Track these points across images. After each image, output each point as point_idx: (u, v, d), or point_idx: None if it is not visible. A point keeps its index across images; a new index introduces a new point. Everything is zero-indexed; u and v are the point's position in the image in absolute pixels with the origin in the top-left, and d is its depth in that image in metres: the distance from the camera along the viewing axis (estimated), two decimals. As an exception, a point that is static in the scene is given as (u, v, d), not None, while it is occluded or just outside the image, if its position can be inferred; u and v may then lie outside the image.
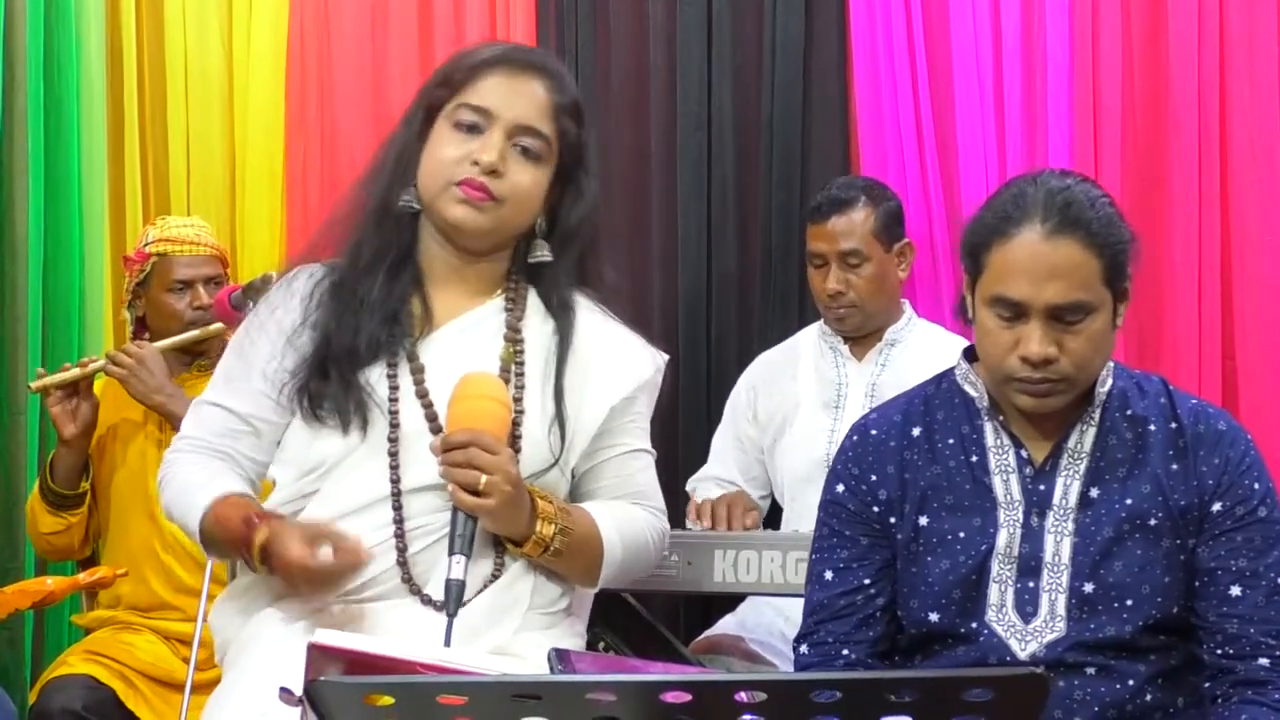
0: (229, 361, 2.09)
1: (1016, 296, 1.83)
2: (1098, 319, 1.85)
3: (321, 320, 2.02)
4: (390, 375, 2.00)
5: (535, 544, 1.95)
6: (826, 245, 3.00)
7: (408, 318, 2.04)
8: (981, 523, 1.92)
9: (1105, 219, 1.85)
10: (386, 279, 2.03)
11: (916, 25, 3.31)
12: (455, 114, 2.01)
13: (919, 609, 1.94)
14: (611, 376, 2.08)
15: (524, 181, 2.01)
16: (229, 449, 2.04)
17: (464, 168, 1.98)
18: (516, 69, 2.03)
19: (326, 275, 2.07)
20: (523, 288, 2.09)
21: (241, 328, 2.14)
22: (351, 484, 1.97)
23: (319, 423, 1.99)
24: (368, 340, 2.00)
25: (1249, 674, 1.84)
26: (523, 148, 2.00)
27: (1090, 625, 1.87)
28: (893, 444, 1.99)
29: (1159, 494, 1.89)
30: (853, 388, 3.03)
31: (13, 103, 3.42)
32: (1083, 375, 1.87)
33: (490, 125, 2.00)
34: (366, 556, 1.87)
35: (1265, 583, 1.86)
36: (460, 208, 1.99)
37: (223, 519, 1.95)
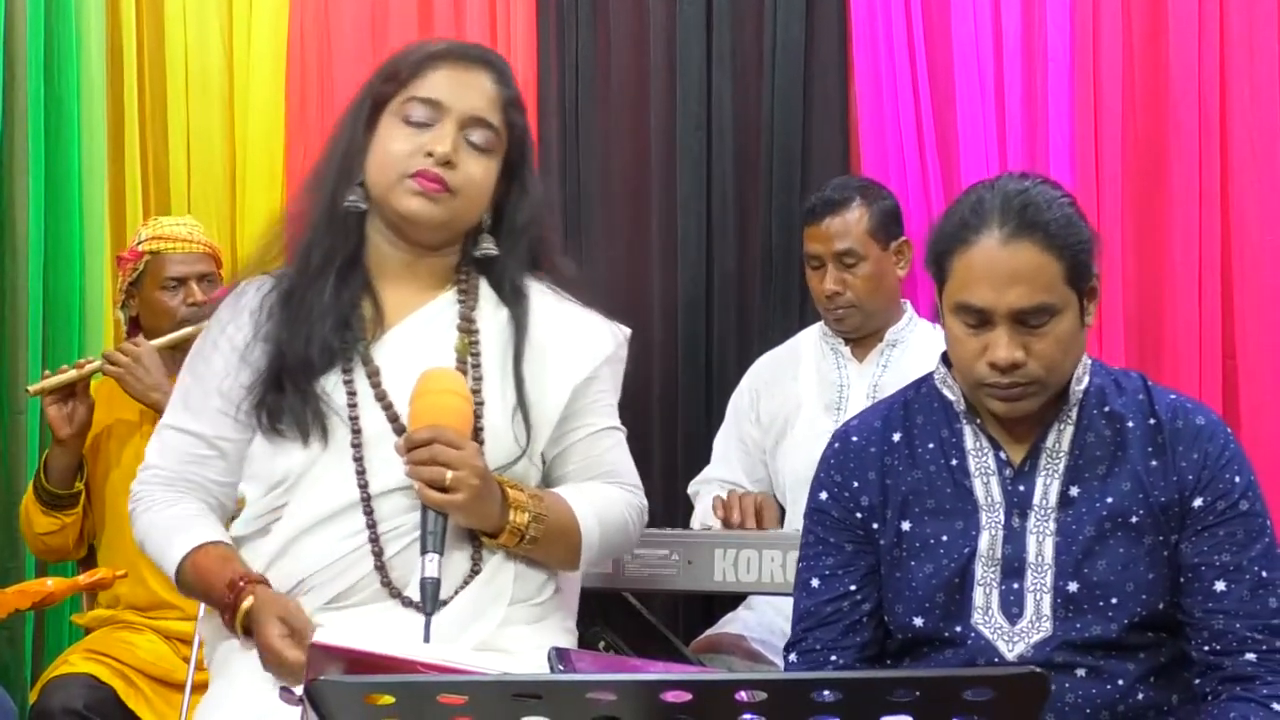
0: (186, 383, 2.08)
1: (979, 303, 1.83)
2: (1063, 320, 1.84)
3: (272, 332, 2.01)
4: (347, 381, 1.98)
5: (510, 534, 1.95)
6: (822, 246, 3.01)
7: (359, 321, 2.02)
8: (964, 526, 1.92)
9: (1063, 219, 1.85)
10: (336, 283, 2.02)
11: (917, 25, 3.31)
12: (404, 108, 2.00)
13: (904, 614, 1.93)
14: (571, 357, 2.06)
15: (476, 173, 2.00)
16: (197, 476, 2.04)
17: (417, 160, 1.97)
18: (464, 62, 2.02)
19: (274, 286, 2.06)
20: (474, 278, 2.08)
21: (194, 348, 2.12)
22: (318, 494, 1.97)
23: (280, 436, 1.98)
24: (320, 348, 1.98)
25: (1236, 670, 1.83)
26: (473, 141, 2.00)
27: (1076, 624, 1.87)
28: (873, 450, 1.99)
29: (1139, 491, 1.89)
30: (854, 389, 3.03)
31: (13, 103, 3.42)
32: (1053, 377, 1.87)
33: (442, 117, 1.99)
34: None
35: (1249, 576, 1.85)
36: (415, 199, 1.98)
37: (205, 572, 1.96)
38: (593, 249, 3.55)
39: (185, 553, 1.97)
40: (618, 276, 3.54)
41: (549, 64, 3.56)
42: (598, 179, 3.55)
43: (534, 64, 3.55)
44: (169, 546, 1.99)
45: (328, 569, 1.95)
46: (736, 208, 3.46)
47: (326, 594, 1.95)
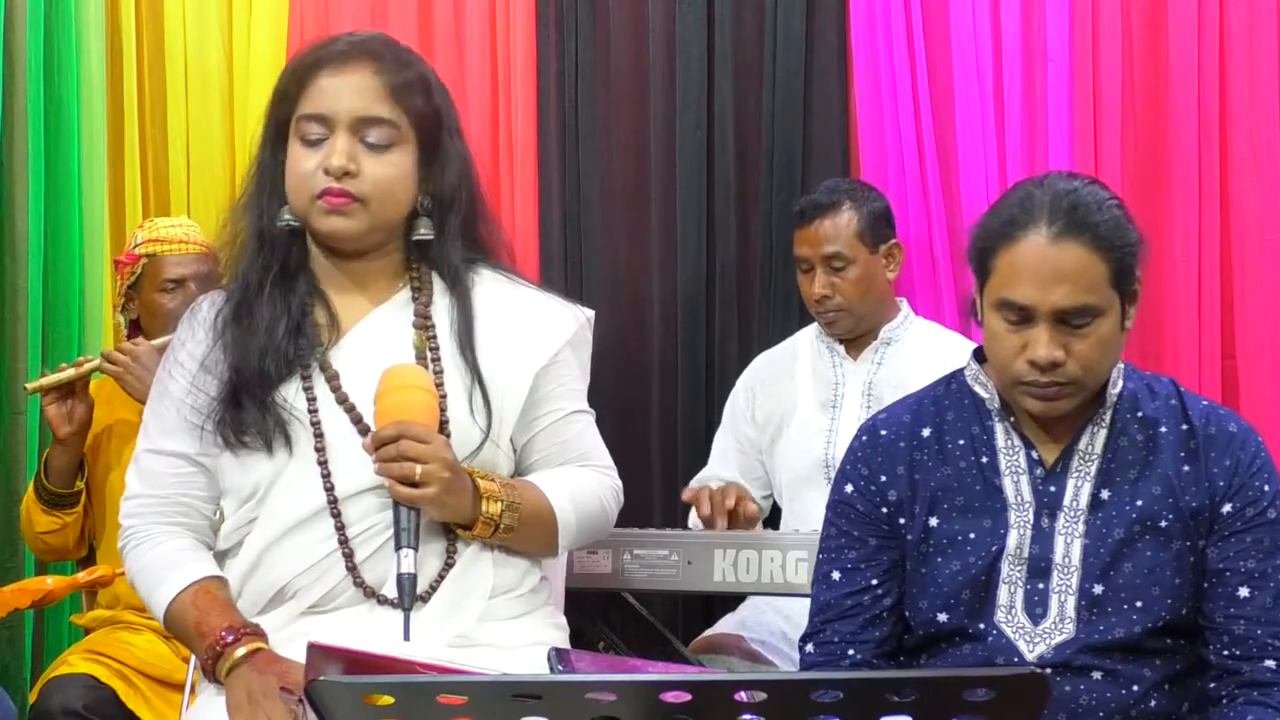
0: (156, 407, 2.07)
1: (1023, 300, 1.82)
2: (1105, 322, 1.84)
3: (226, 348, 2.01)
4: (306, 388, 1.98)
5: (484, 525, 1.93)
6: (810, 249, 3.02)
7: (312, 328, 2.01)
8: (992, 524, 1.92)
9: (1112, 221, 1.84)
10: (279, 295, 2.01)
11: (916, 25, 3.31)
12: (299, 128, 1.98)
13: (928, 609, 1.93)
14: (530, 342, 2.04)
15: (381, 173, 1.97)
16: (184, 497, 2.03)
17: (319, 179, 1.95)
18: (339, 63, 1.98)
19: (226, 301, 2.05)
20: (425, 273, 2.06)
21: (159, 370, 2.11)
22: (287, 501, 1.96)
23: (245, 449, 1.97)
24: (275, 358, 1.97)
25: (1255, 675, 1.84)
26: (369, 140, 1.96)
27: (1099, 627, 1.87)
28: (902, 445, 1.99)
29: (1170, 495, 1.89)
30: (849, 387, 3.03)
31: (13, 103, 3.42)
32: (1091, 378, 1.87)
33: (332, 129, 1.96)
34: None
35: (1273, 584, 1.86)
36: (328, 219, 1.97)
37: (202, 608, 1.94)
38: (592, 248, 3.55)
39: (174, 594, 1.96)
40: (617, 275, 3.54)
41: (549, 64, 3.56)
42: (598, 179, 3.55)
43: (534, 64, 3.55)
44: (158, 587, 1.98)
45: (304, 575, 1.95)
46: (736, 207, 3.46)
47: (307, 600, 1.95)
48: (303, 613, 1.95)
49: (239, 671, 1.86)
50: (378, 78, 1.97)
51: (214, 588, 1.98)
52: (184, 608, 1.96)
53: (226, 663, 1.87)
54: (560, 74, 3.56)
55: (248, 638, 1.89)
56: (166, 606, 1.97)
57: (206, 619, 1.92)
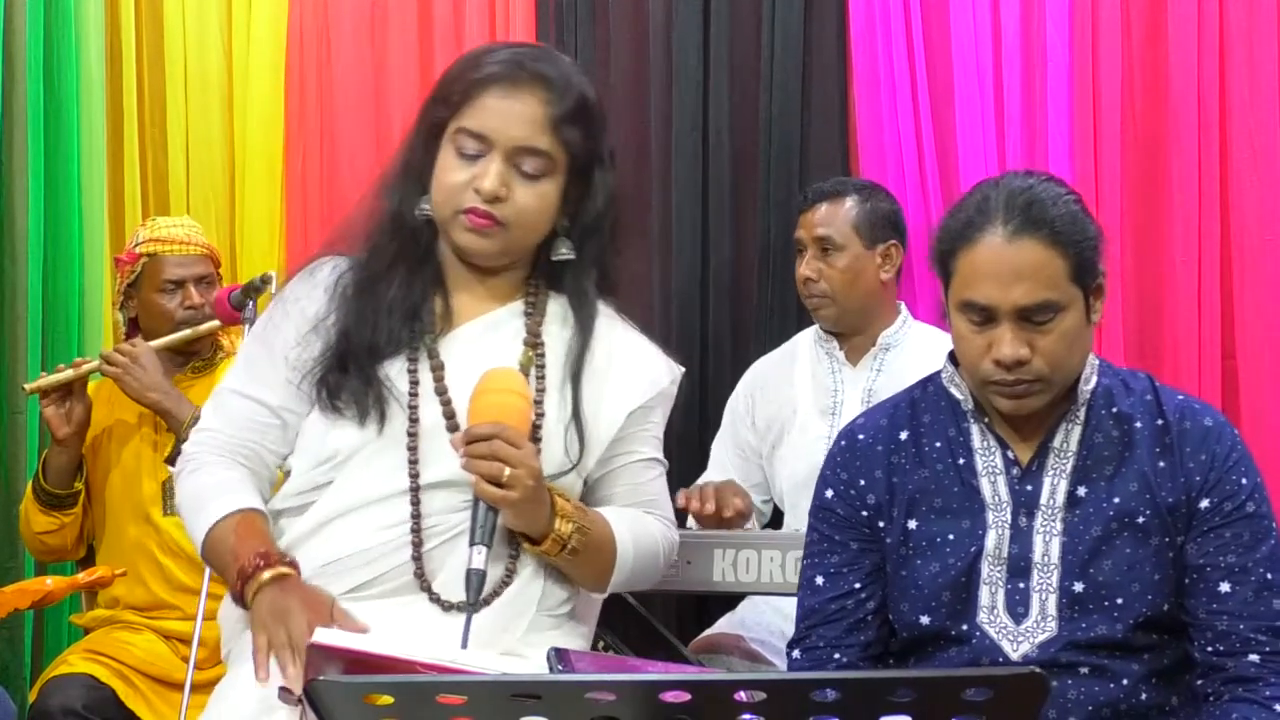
0: (252, 350, 2.08)
1: (984, 300, 1.83)
2: (1068, 317, 1.84)
3: (341, 316, 2.02)
4: (411, 370, 1.99)
5: (554, 542, 1.94)
6: (806, 232, 3.05)
7: (428, 315, 2.03)
8: (970, 525, 1.92)
9: (1069, 216, 1.85)
10: (406, 280, 2.03)
11: (916, 25, 3.31)
12: (455, 139, 1.99)
13: (910, 612, 1.94)
14: (629, 384, 2.07)
15: (529, 203, 1.99)
16: (254, 443, 2.03)
17: (468, 196, 1.97)
18: (512, 85, 1.98)
19: (350, 269, 2.06)
20: (543, 293, 2.09)
21: (265, 314, 2.12)
22: (367, 476, 1.97)
23: (336, 414, 1.98)
24: (387, 336, 1.99)
25: (1239, 671, 1.84)
26: (524, 170, 1.97)
27: (1081, 624, 1.87)
28: (880, 448, 1.99)
29: (1146, 491, 1.89)
30: (848, 394, 3.03)
31: (13, 103, 3.42)
32: (1058, 374, 1.87)
33: (489, 150, 1.97)
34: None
35: (1254, 578, 1.86)
36: (468, 235, 1.99)
37: (242, 535, 1.93)
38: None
39: (216, 519, 1.95)
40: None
41: (549, 64, 3.56)
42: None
43: (534, 64, 3.55)
44: (203, 510, 1.97)
45: (361, 554, 1.94)
46: (734, 208, 3.46)
47: (353, 580, 1.94)
48: (342, 594, 1.93)
49: (264, 591, 1.86)
50: (545, 108, 1.97)
51: (256, 518, 1.97)
52: (224, 533, 1.95)
53: (254, 585, 1.87)
54: (560, 74, 3.56)
55: (278, 564, 1.89)
56: (207, 531, 1.96)
57: (244, 544, 1.91)
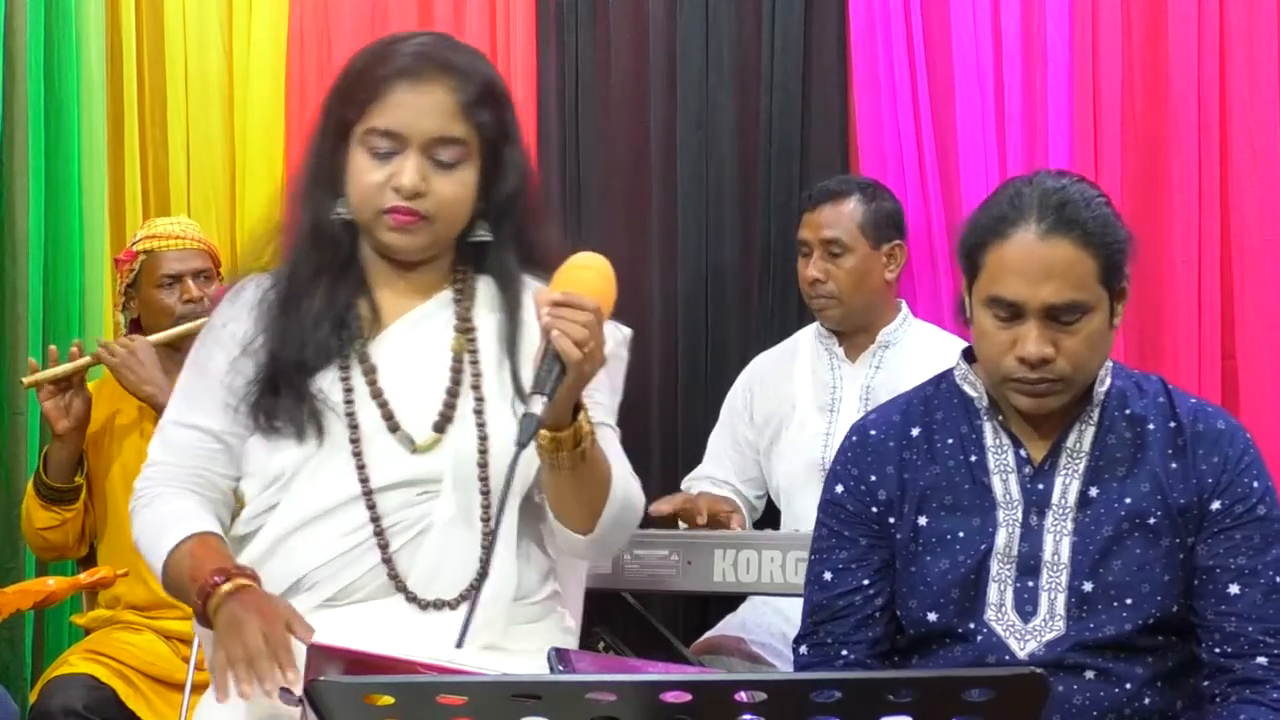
0: (189, 380, 2.07)
1: (1012, 297, 1.83)
2: (1094, 319, 1.85)
3: (268, 337, 2.00)
4: (344, 378, 1.98)
5: (574, 433, 1.87)
6: (812, 233, 3.04)
7: (355, 320, 2.02)
8: (980, 522, 1.92)
9: (1101, 218, 1.85)
10: (329, 288, 2.01)
11: (916, 25, 3.31)
12: (367, 140, 1.96)
13: (918, 609, 1.93)
14: None
15: (449, 192, 1.97)
16: (203, 470, 2.02)
17: (387, 195, 1.95)
18: (418, 78, 1.96)
19: (272, 285, 2.05)
20: (470, 278, 2.07)
21: (196, 342, 2.11)
22: (315, 489, 1.96)
23: (275, 434, 1.97)
24: (316, 349, 1.98)
25: (1247, 673, 1.84)
26: (440, 159, 1.96)
27: (1090, 624, 1.87)
28: (891, 444, 1.99)
29: (1158, 493, 1.89)
30: (847, 390, 3.03)
31: (13, 103, 3.42)
32: (1080, 375, 1.87)
33: (404, 147, 1.95)
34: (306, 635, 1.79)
35: (1264, 581, 1.86)
36: (393, 235, 1.97)
37: (199, 557, 1.91)
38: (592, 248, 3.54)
39: (173, 545, 1.94)
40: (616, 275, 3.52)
41: (549, 64, 3.56)
42: (597, 178, 3.55)
43: (534, 64, 3.55)
44: (160, 540, 1.96)
45: (327, 565, 1.94)
46: (735, 207, 3.46)
47: (326, 591, 1.94)
48: (317, 605, 1.93)
49: (223, 606, 1.83)
50: (453, 95, 1.96)
51: (213, 541, 1.95)
52: (181, 557, 1.93)
53: (214, 600, 1.84)
54: (560, 74, 3.56)
55: (236, 577, 1.86)
56: (165, 558, 1.95)
57: (201, 566, 1.89)
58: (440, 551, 1.94)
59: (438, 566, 1.94)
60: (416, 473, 1.95)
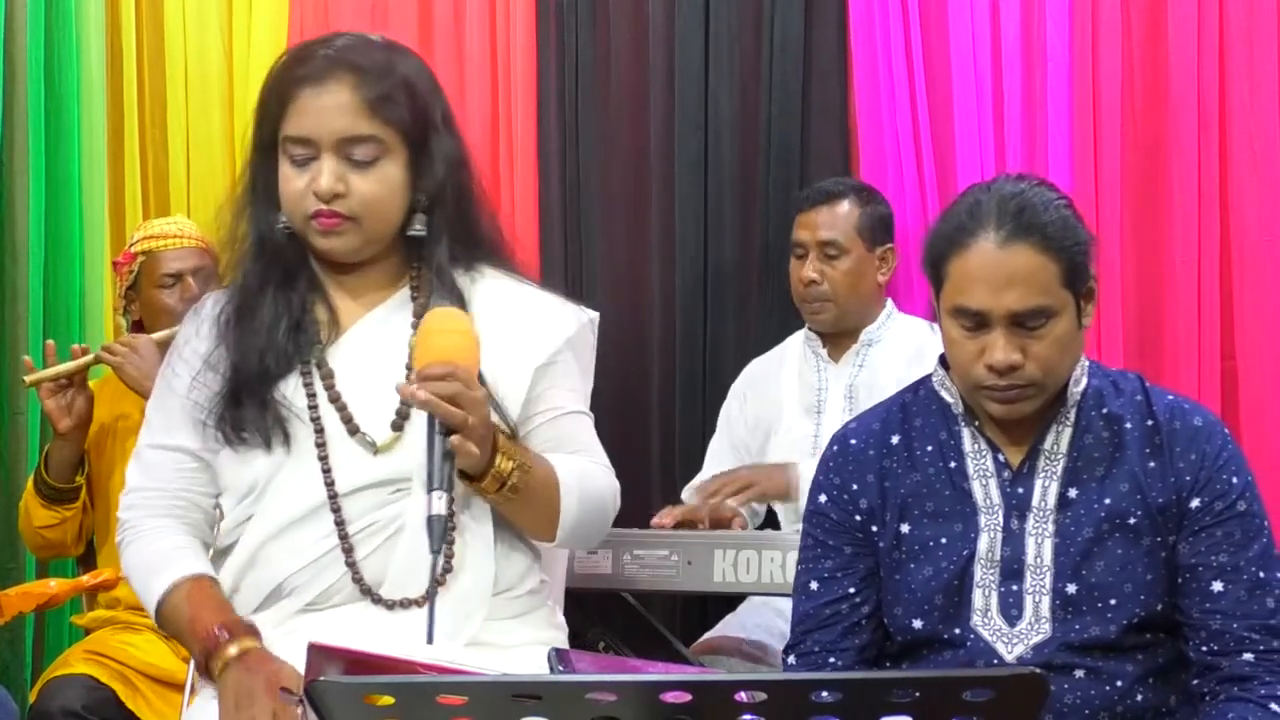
0: (159, 402, 2.07)
1: (976, 306, 1.83)
2: (1060, 322, 1.84)
3: (228, 348, 2.01)
4: (306, 384, 1.98)
5: (493, 479, 1.89)
6: (809, 234, 3.05)
7: (313, 325, 2.02)
8: (962, 528, 1.92)
9: (1060, 221, 1.85)
10: (281, 296, 2.01)
11: (915, 26, 3.31)
12: (285, 149, 1.97)
13: (903, 616, 1.94)
14: (530, 339, 2.03)
15: (370, 190, 1.96)
16: (185, 492, 2.02)
17: (309, 201, 1.95)
18: (318, 81, 1.95)
19: (230, 298, 2.05)
20: (425, 274, 2.05)
21: (163, 365, 2.12)
22: (286, 497, 1.96)
23: (244, 445, 1.97)
24: (275, 357, 1.98)
25: (1234, 670, 1.84)
26: (356, 158, 1.95)
27: (1075, 626, 1.87)
28: (872, 453, 1.99)
29: (1137, 492, 1.88)
30: (832, 390, 3.05)
31: (13, 103, 3.42)
32: (1050, 379, 1.87)
33: (316, 151, 1.95)
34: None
35: (1247, 577, 1.85)
36: (323, 239, 1.97)
37: (196, 604, 1.93)
38: (592, 249, 3.55)
39: (166, 588, 1.95)
40: (616, 276, 3.54)
41: (549, 64, 3.56)
42: (597, 179, 3.55)
43: (534, 64, 3.55)
44: (152, 580, 1.97)
45: (303, 571, 1.95)
46: (735, 208, 3.46)
47: (306, 596, 1.95)
48: (300, 610, 1.94)
49: (230, 671, 1.85)
50: (357, 93, 1.95)
51: (208, 585, 1.97)
52: (178, 603, 1.95)
53: (219, 661, 1.86)
54: (560, 74, 3.56)
55: (241, 636, 1.88)
56: (159, 600, 1.96)
57: (200, 615, 1.91)
58: (409, 553, 1.93)
59: (412, 565, 1.93)
60: (382, 474, 1.95)
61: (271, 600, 1.97)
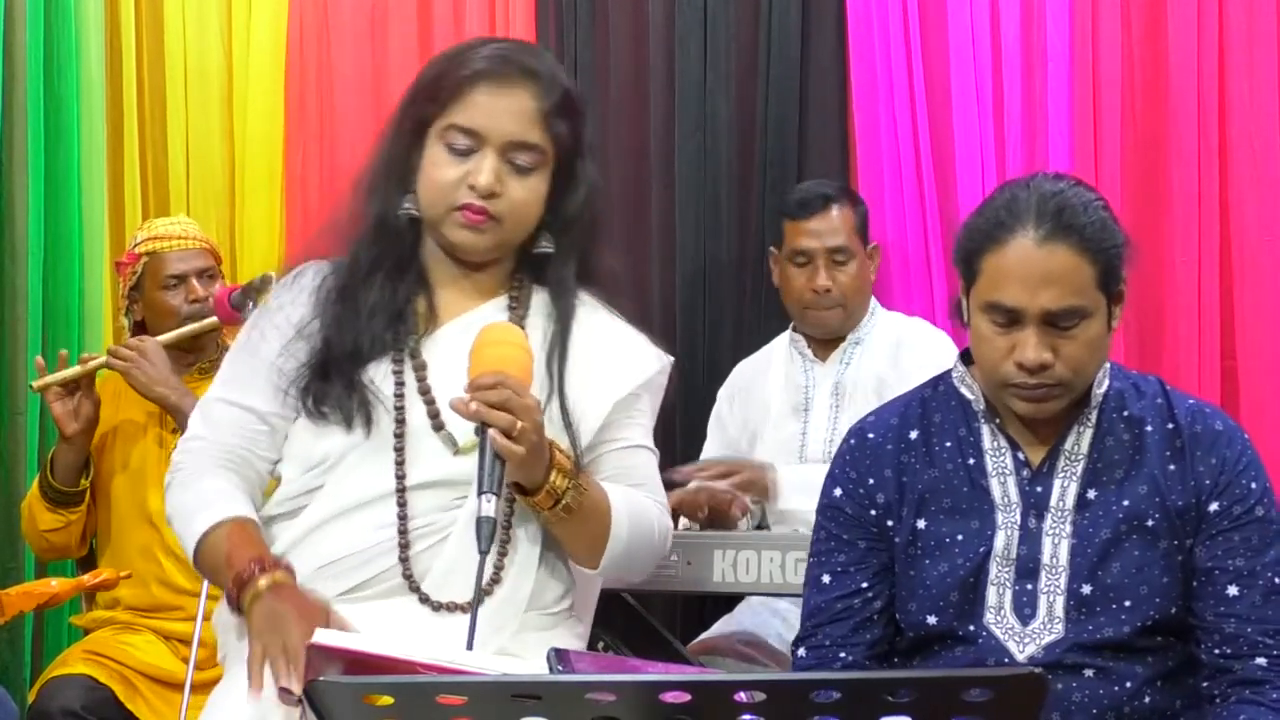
0: (239, 358, 2.07)
1: (1011, 303, 1.82)
2: (1093, 323, 1.84)
3: (325, 322, 2.01)
4: (396, 372, 1.99)
5: (548, 494, 1.90)
6: (815, 241, 3.03)
7: (412, 316, 2.03)
8: (979, 525, 1.92)
9: (1098, 223, 1.84)
10: (388, 283, 2.02)
11: (914, 27, 3.31)
12: (446, 135, 1.98)
13: (917, 612, 1.93)
14: (615, 372, 2.06)
15: (521, 196, 1.99)
16: (245, 450, 2.02)
17: (462, 192, 1.97)
18: (502, 81, 1.98)
19: (332, 272, 2.06)
20: (527, 288, 2.08)
21: (249, 323, 2.12)
22: (356, 480, 1.96)
23: (323, 419, 1.98)
24: (370, 340, 1.99)
25: (1246, 673, 1.84)
26: (517, 163, 1.98)
27: (1088, 627, 1.87)
28: (890, 447, 1.99)
29: (1156, 495, 1.89)
30: (819, 389, 3.06)
31: (13, 103, 3.42)
32: (1079, 379, 1.87)
33: (482, 146, 1.97)
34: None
35: (1262, 582, 1.86)
36: (463, 232, 1.99)
37: (236, 542, 1.92)
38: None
39: (208, 527, 1.94)
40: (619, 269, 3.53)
41: (549, 64, 3.56)
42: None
43: (534, 64, 3.55)
44: (194, 518, 1.96)
45: (353, 556, 1.94)
46: (734, 208, 3.46)
47: (347, 582, 1.94)
48: (335, 596, 1.93)
49: (260, 600, 1.84)
50: (534, 102, 1.98)
51: (249, 526, 1.96)
52: (218, 540, 1.93)
53: (250, 592, 1.85)
54: (560, 74, 3.56)
55: (274, 570, 1.87)
56: (199, 539, 1.95)
57: (238, 551, 1.90)
58: (458, 556, 1.93)
59: (453, 570, 1.93)
60: (456, 473, 1.95)
61: (315, 578, 1.95)
